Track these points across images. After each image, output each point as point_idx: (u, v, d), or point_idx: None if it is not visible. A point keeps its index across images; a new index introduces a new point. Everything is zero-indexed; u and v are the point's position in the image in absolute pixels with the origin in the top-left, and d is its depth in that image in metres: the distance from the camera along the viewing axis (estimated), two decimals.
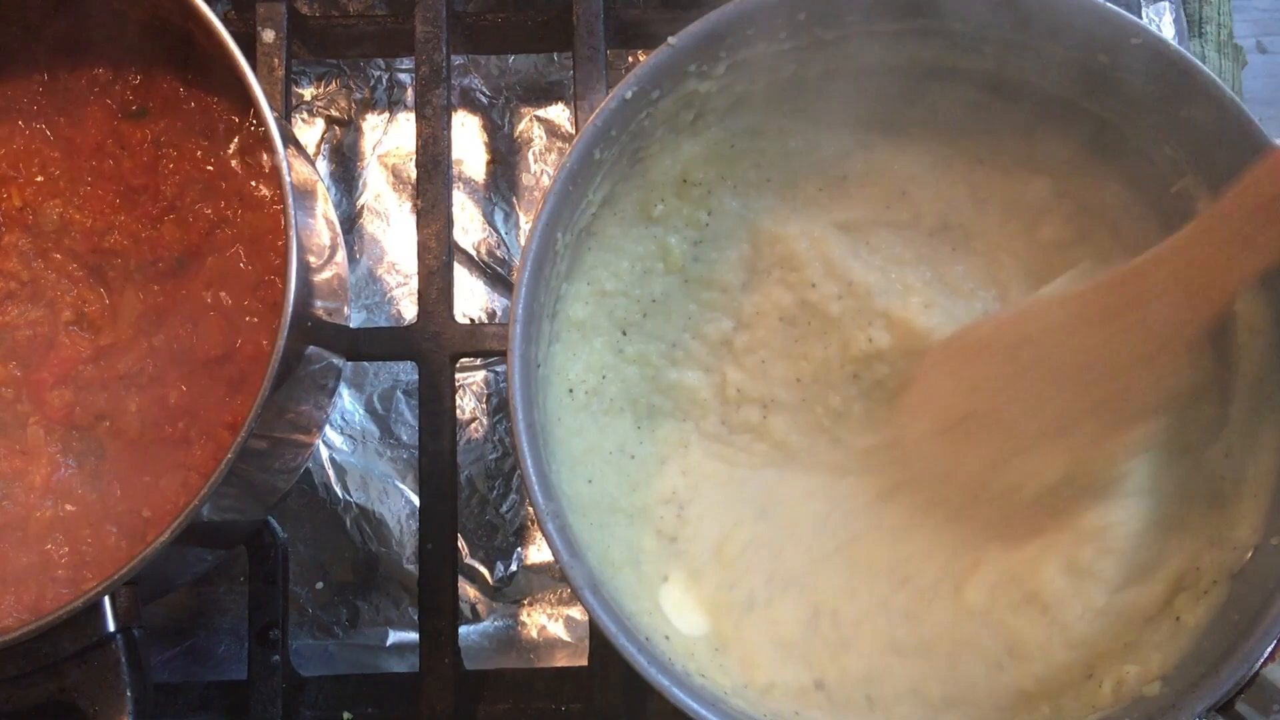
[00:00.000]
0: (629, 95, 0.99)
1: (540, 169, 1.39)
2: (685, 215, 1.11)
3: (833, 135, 1.13)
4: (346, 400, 1.32)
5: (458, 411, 1.25)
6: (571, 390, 1.07)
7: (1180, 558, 1.02)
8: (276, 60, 1.24)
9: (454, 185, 1.29)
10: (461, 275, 1.34)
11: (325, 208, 1.06)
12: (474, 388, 1.33)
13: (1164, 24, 1.39)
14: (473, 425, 1.32)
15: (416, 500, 1.25)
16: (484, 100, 1.41)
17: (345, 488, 1.29)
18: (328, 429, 1.30)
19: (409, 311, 1.33)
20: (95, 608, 0.88)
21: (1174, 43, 0.99)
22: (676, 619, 1.04)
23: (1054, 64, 1.03)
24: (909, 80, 1.10)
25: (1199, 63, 0.98)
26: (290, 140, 0.98)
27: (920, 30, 1.05)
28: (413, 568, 1.25)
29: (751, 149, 1.12)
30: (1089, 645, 1.01)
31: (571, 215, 1.02)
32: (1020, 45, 1.03)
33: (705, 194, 1.11)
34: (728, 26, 1.00)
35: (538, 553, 1.29)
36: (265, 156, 1.03)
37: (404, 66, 1.41)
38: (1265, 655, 0.90)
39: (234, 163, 1.04)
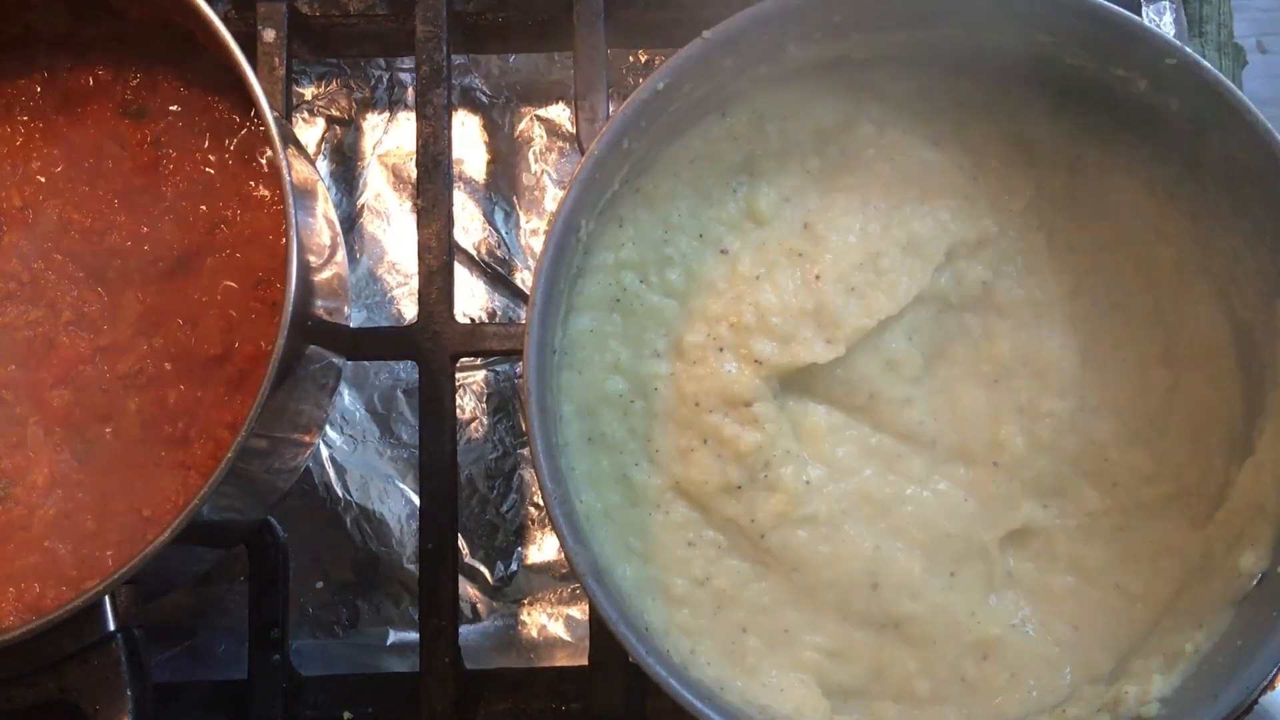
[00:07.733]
0: (661, 86, 1.00)
1: (540, 169, 1.39)
2: None
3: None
4: (346, 400, 1.32)
5: (458, 411, 1.25)
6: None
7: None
8: (277, 60, 1.24)
9: (454, 185, 1.29)
10: (462, 275, 1.34)
11: (325, 207, 1.06)
12: (474, 388, 1.33)
13: (1164, 24, 1.39)
14: (473, 425, 1.32)
15: (416, 500, 1.25)
16: (484, 100, 1.41)
17: (345, 487, 1.29)
18: (328, 429, 1.30)
19: (409, 311, 1.33)
20: (95, 607, 0.88)
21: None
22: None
23: None
24: None
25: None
26: (290, 140, 0.98)
27: None
28: (413, 567, 1.25)
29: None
30: None
31: (596, 202, 1.02)
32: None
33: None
34: (765, 21, 1.00)
35: (538, 553, 1.29)
36: (265, 156, 1.03)
37: (404, 66, 1.41)
38: (1265, 682, 0.90)
39: (234, 163, 1.04)
